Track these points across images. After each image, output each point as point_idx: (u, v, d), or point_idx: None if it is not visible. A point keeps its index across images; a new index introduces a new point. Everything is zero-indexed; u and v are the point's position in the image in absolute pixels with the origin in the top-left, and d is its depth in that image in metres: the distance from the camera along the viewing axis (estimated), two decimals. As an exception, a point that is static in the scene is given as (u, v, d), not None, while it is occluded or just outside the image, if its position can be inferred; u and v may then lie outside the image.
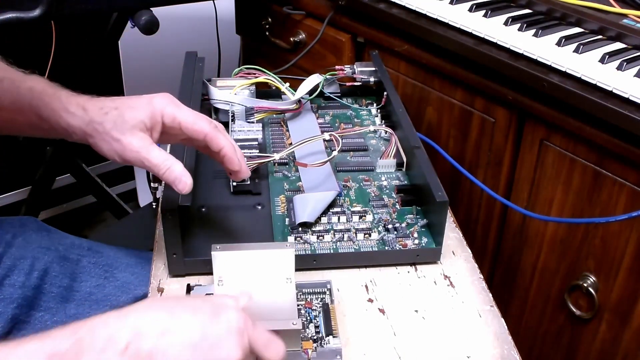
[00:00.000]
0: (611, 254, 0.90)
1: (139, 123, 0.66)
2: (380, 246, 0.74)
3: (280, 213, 0.78)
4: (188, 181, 0.66)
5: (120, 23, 1.36)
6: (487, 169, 1.05)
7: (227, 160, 0.69)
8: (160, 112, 0.67)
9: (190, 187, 0.67)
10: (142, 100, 0.68)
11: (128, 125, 0.66)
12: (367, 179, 0.84)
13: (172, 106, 0.68)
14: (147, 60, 1.76)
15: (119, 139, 0.66)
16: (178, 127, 0.68)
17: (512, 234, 1.05)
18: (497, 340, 0.66)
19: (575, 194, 0.93)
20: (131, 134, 0.66)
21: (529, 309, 1.06)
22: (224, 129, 0.71)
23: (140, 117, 0.67)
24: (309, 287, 0.68)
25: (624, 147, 0.83)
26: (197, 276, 0.71)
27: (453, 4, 1.04)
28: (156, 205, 0.81)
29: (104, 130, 0.67)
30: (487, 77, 0.97)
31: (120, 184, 1.97)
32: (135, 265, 0.87)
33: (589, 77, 0.84)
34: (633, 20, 0.96)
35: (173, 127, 0.68)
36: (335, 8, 1.18)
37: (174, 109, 0.68)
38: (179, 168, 0.66)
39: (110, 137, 0.67)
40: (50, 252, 0.83)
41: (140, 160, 0.66)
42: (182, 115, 0.68)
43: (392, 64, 1.14)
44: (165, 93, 0.70)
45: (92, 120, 0.67)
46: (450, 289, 0.72)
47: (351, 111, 0.99)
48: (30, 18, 1.02)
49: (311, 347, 0.61)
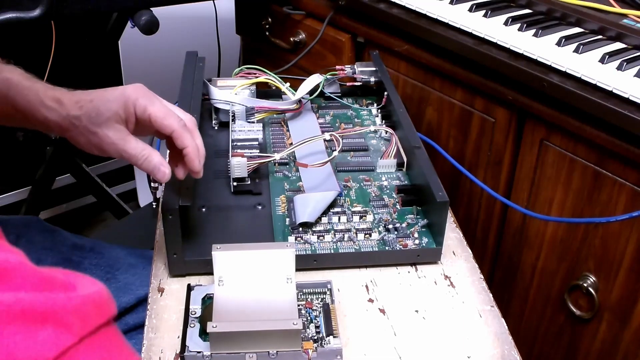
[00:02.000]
0: (611, 254, 0.90)
1: (114, 115, 0.66)
2: (381, 246, 0.74)
3: (281, 213, 0.78)
4: (167, 170, 0.67)
5: (120, 23, 1.37)
6: (487, 168, 1.05)
7: (187, 159, 0.69)
8: (132, 103, 0.67)
9: (168, 176, 0.67)
10: (116, 92, 0.68)
11: (103, 118, 0.66)
12: (368, 179, 0.84)
13: (144, 98, 0.68)
14: (147, 60, 1.76)
15: (96, 132, 0.66)
16: (148, 120, 0.68)
17: (512, 234, 1.05)
18: (497, 340, 0.66)
19: (575, 194, 0.93)
20: (107, 127, 0.66)
21: (529, 309, 1.06)
22: (194, 128, 0.71)
23: (114, 108, 0.66)
24: (309, 287, 0.68)
25: (624, 147, 0.83)
26: (198, 276, 0.71)
27: (453, 4, 1.04)
28: (156, 205, 0.81)
29: (80, 124, 0.67)
30: (487, 77, 0.97)
31: (120, 184, 1.97)
32: (137, 266, 0.87)
33: (589, 77, 0.84)
34: (633, 20, 0.96)
35: (144, 119, 0.68)
36: (335, 8, 1.18)
37: (146, 101, 0.67)
38: (156, 158, 0.67)
39: (87, 130, 0.67)
40: (53, 253, 0.84)
41: (118, 151, 0.67)
42: (153, 108, 0.67)
43: (392, 64, 1.14)
44: (138, 84, 0.69)
45: (68, 114, 0.67)
46: (451, 289, 0.72)
47: (351, 111, 0.99)
48: (30, 18, 1.02)
49: (311, 347, 0.61)
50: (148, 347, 0.63)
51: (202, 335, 0.61)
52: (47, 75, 1.34)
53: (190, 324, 0.63)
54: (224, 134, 0.92)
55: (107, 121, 0.66)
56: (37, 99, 0.68)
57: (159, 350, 0.63)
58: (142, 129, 0.70)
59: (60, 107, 0.67)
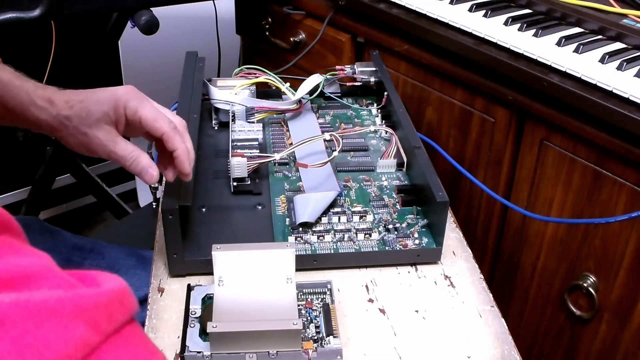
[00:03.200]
0: (611, 254, 0.90)
1: (104, 116, 0.66)
2: (381, 246, 0.74)
3: (281, 213, 0.78)
4: (154, 173, 0.67)
5: (120, 23, 1.37)
6: (487, 169, 1.05)
7: (178, 162, 0.68)
8: (123, 105, 0.67)
9: (156, 178, 0.67)
10: (106, 93, 0.68)
11: (93, 119, 0.66)
12: (368, 179, 0.84)
13: (135, 100, 0.67)
14: (147, 60, 1.76)
15: (86, 132, 0.66)
16: (138, 122, 0.67)
17: (512, 234, 1.05)
18: (497, 340, 0.66)
19: (575, 194, 0.93)
20: (97, 127, 0.66)
21: (529, 309, 1.06)
22: (185, 131, 0.70)
23: (104, 109, 0.66)
24: (309, 287, 0.68)
25: (624, 147, 0.83)
26: (198, 276, 0.71)
27: (453, 4, 1.04)
28: (156, 205, 0.81)
29: (70, 124, 0.67)
30: (487, 77, 0.97)
31: (120, 184, 1.97)
32: (137, 267, 0.87)
33: (589, 77, 0.84)
34: (633, 20, 0.96)
35: (134, 120, 0.67)
36: (335, 8, 1.18)
37: (137, 103, 0.67)
38: (145, 160, 0.67)
39: (77, 130, 0.67)
40: (53, 254, 0.83)
41: (107, 153, 0.67)
42: (144, 110, 0.67)
43: (392, 64, 1.14)
44: (129, 86, 0.69)
45: (58, 114, 0.67)
46: (451, 289, 0.72)
47: (351, 111, 0.99)
48: (30, 18, 1.02)
49: (311, 347, 0.61)
50: (148, 347, 0.63)
51: (202, 336, 0.61)
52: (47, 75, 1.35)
53: (190, 324, 0.63)
54: (224, 134, 0.92)
55: (97, 122, 0.66)
56: (27, 98, 0.68)
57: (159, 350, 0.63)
58: (132, 131, 0.70)
59: (50, 106, 0.67)
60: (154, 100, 0.70)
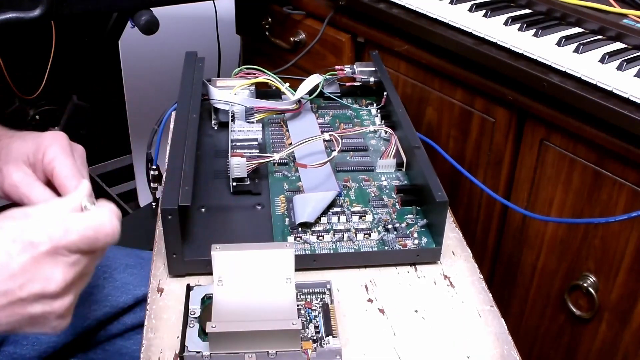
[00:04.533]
0: (611, 254, 0.90)
1: (22, 155, 0.63)
2: (380, 246, 0.74)
3: (280, 213, 0.78)
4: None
5: (120, 23, 1.37)
6: (487, 169, 1.05)
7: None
8: (42, 150, 0.63)
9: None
10: (34, 135, 0.64)
11: (12, 156, 0.63)
12: (367, 179, 0.84)
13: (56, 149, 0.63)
14: (147, 60, 1.76)
15: (0, 168, 0.63)
16: (51, 173, 0.63)
17: (512, 234, 1.05)
18: (497, 341, 0.66)
19: (575, 194, 0.93)
20: (15, 166, 0.62)
21: (529, 309, 1.06)
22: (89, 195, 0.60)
23: (25, 150, 0.63)
24: (308, 287, 0.68)
25: (624, 147, 0.83)
26: (197, 276, 0.71)
27: (453, 4, 1.04)
28: (156, 205, 0.81)
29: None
30: (487, 77, 0.97)
31: (120, 184, 1.97)
32: (134, 266, 0.87)
33: (589, 77, 0.84)
34: (633, 20, 0.96)
35: (47, 170, 0.63)
36: (335, 8, 1.18)
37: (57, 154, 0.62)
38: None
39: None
40: None
41: (19, 196, 0.62)
42: (59, 164, 0.62)
43: (392, 64, 1.14)
44: (61, 133, 0.65)
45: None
46: (450, 289, 0.72)
47: (351, 111, 0.99)
48: (30, 18, 1.02)
49: (311, 347, 0.61)
50: (147, 347, 0.63)
51: (202, 336, 0.61)
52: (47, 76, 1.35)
53: (190, 324, 0.63)
54: (224, 134, 0.92)
55: (15, 160, 0.63)
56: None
57: (158, 350, 0.63)
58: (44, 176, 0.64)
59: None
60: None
